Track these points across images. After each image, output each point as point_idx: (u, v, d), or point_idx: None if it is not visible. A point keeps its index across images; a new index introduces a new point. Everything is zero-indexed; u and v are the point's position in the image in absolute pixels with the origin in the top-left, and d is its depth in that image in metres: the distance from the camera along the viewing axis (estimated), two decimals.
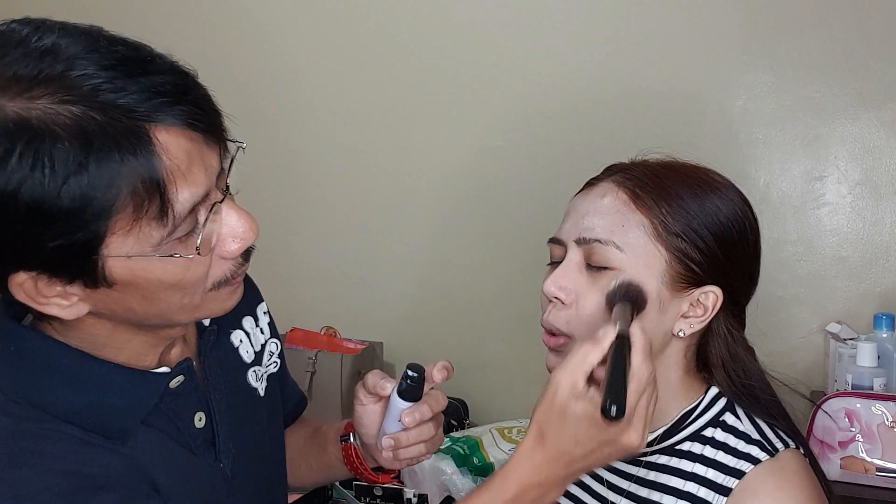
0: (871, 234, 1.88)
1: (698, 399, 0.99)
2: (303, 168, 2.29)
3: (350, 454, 1.09)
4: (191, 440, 0.88)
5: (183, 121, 0.72)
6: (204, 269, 0.79)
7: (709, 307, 0.95)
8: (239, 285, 0.85)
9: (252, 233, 0.81)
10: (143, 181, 0.70)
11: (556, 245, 1.00)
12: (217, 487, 0.91)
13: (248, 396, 1.00)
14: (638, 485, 0.99)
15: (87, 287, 0.74)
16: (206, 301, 0.82)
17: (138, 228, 0.72)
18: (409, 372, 0.97)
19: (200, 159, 0.74)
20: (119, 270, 0.74)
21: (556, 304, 0.96)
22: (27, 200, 0.67)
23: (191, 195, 0.73)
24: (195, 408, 0.90)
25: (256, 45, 2.25)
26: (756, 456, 0.92)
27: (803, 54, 1.88)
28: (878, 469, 1.58)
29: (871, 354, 1.65)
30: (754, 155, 1.93)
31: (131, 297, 0.77)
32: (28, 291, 0.74)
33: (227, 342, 0.99)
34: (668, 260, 0.93)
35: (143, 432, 0.83)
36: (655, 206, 0.93)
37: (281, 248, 2.28)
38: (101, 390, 0.81)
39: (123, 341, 0.83)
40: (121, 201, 0.70)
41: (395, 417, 0.99)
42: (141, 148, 0.70)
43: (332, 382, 2.01)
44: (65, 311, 0.76)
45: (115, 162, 0.69)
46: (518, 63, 2.07)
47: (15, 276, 0.73)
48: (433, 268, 2.19)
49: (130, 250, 0.73)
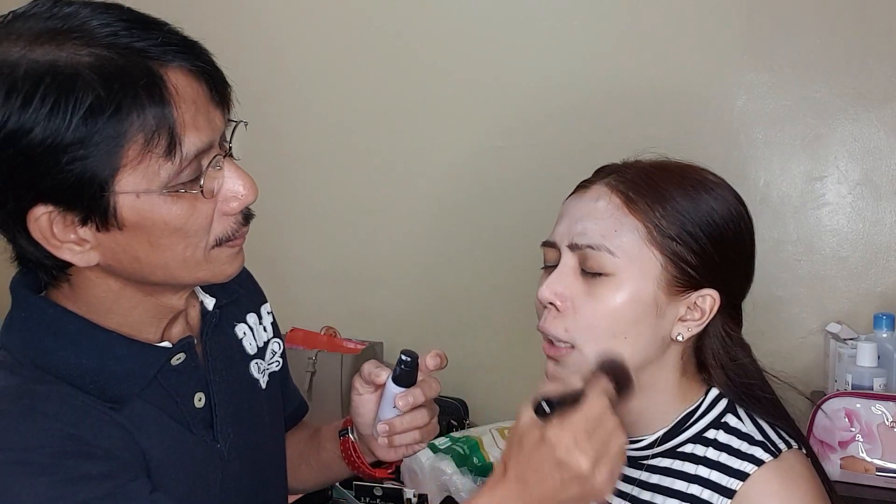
0: (871, 234, 1.88)
1: (698, 401, 0.98)
2: (303, 168, 2.29)
3: (348, 448, 1.10)
4: (189, 418, 0.91)
5: (191, 64, 0.80)
6: (206, 218, 0.83)
7: (706, 310, 0.95)
8: (240, 249, 0.89)
9: (252, 192, 0.85)
10: (155, 115, 0.77)
11: (549, 248, 0.99)
12: (213, 466, 0.93)
13: (250, 387, 1.02)
14: (641, 488, 0.99)
15: (99, 230, 0.80)
16: (208, 259, 0.85)
17: (147, 163, 0.78)
18: (402, 357, 1.00)
19: (206, 111, 0.81)
20: (128, 210, 0.79)
21: (552, 311, 0.95)
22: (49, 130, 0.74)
23: (197, 140, 0.80)
24: (195, 387, 0.92)
25: (256, 45, 2.25)
26: (760, 457, 0.92)
27: (803, 54, 1.88)
28: (878, 469, 1.58)
29: (871, 354, 1.65)
30: (754, 155, 1.93)
31: (138, 243, 0.81)
32: (43, 230, 0.79)
33: (231, 333, 1.02)
34: (664, 264, 0.93)
35: (140, 404, 0.86)
36: (649, 210, 0.93)
37: (281, 248, 2.29)
38: (102, 356, 0.85)
39: (128, 308, 0.87)
40: (133, 131, 0.76)
41: (389, 403, 1.01)
42: (154, 86, 0.77)
43: (332, 382, 2.01)
44: (77, 257, 0.81)
45: (130, 96, 0.76)
46: (518, 63, 2.07)
47: (33, 210, 0.78)
48: (433, 268, 2.19)
49: (139, 186, 0.78)
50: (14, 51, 0.76)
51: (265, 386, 1.05)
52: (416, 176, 2.19)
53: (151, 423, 0.87)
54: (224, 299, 1.01)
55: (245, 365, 1.03)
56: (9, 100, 0.75)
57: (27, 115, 0.74)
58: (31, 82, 0.74)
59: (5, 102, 0.75)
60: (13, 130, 0.75)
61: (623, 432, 0.85)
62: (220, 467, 0.94)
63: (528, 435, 0.83)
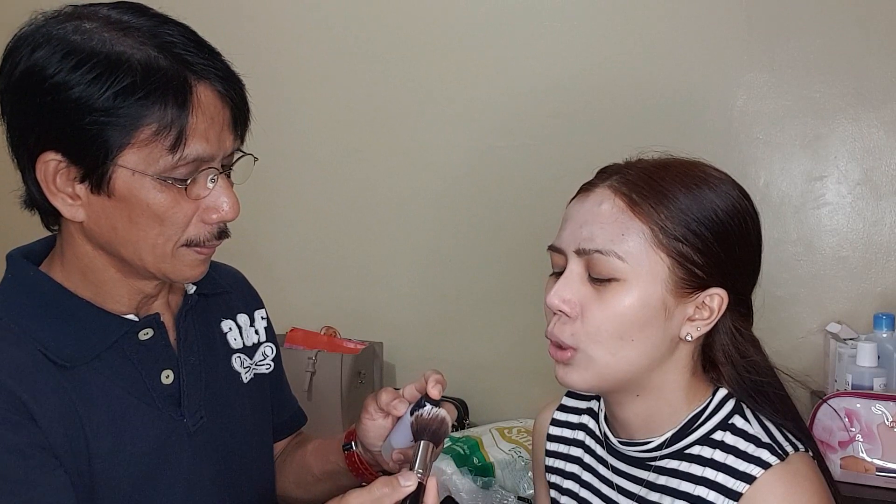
0: (871, 234, 1.88)
1: (706, 401, 0.98)
2: (303, 168, 2.28)
3: (355, 461, 1.13)
4: (154, 393, 0.99)
5: (222, 88, 0.92)
6: (184, 217, 0.92)
7: (714, 309, 0.95)
8: (205, 258, 0.98)
9: (233, 212, 0.95)
10: (173, 113, 0.88)
11: (556, 253, 0.98)
12: (178, 440, 1.00)
13: (229, 377, 1.10)
14: (648, 489, 0.99)
15: (92, 192, 0.90)
16: (174, 255, 0.94)
17: (151, 149, 0.88)
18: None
19: (220, 130, 0.92)
20: (121, 183, 0.90)
21: (561, 317, 0.95)
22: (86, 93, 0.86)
23: (202, 148, 0.90)
24: (164, 364, 1.00)
25: (257, 46, 2.25)
26: (766, 460, 0.92)
27: (803, 54, 1.88)
28: (878, 469, 1.58)
29: (871, 354, 1.65)
30: (754, 155, 1.93)
31: (119, 214, 0.91)
32: (47, 174, 0.90)
33: (216, 325, 1.11)
34: (671, 266, 0.92)
35: (88, 373, 0.95)
36: (654, 212, 0.92)
37: (281, 248, 2.29)
38: (66, 317, 0.95)
39: (101, 278, 0.97)
40: (150, 119, 0.87)
41: (406, 436, 1.03)
42: (182, 91, 0.89)
43: (332, 382, 2.01)
44: (66, 209, 0.92)
45: (160, 91, 0.88)
46: (518, 63, 2.07)
47: (45, 153, 0.90)
48: (433, 268, 2.19)
49: (137, 165, 0.89)
50: (85, 27, 0.89)
51: (247, 381, 1.11)
52: (416, 176, 2.19)
53: (97, 393, 0.95)
54: (208, 289, 1.09)
55: (227, 356, 1.10)
56: (65, 59, 0.87)
57: (74, 75, 0.87)
58: (88, 53, 0.87)
59: (62, 60, 0.87)
60: (58, 83, 0.87)
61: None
62: (188, 444, 1.01)
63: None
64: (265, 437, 1.15)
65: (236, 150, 0.97)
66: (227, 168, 0.96)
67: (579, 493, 1.08)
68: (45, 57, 0.87)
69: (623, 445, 1.02)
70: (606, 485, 1.04)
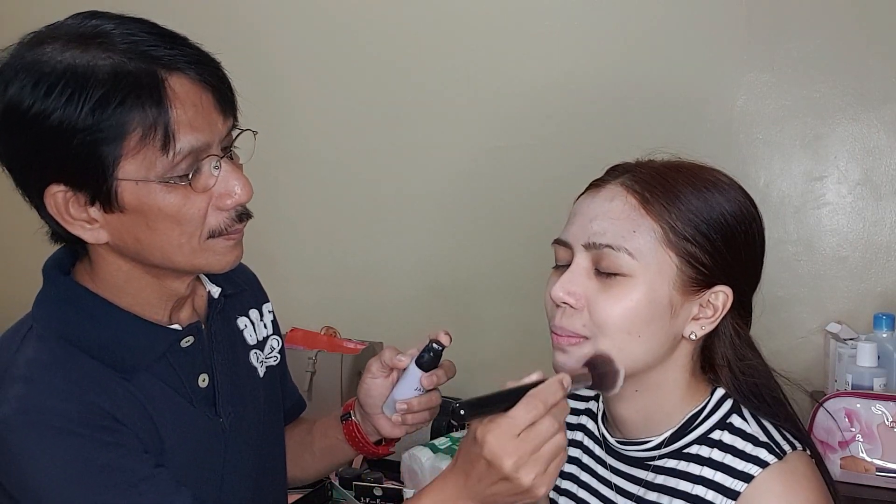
0: (871, 234, 1.88)
1: (704, 401, 0.98)
2: (303, 168, 2.29)
3: (352, 430, 1.18)
4: (192, 395, 1.01)
5: (197, 73, 0.90)
6: (199, 210, 0.92)
7: (719, 307, 0.95)
8: (236, 242, 0.98)
9: (246, 193, 0.94)
10: (153, 113, 0.87)
11: (561, 247, 0.99)
12: (216, 438, 1.03)
13: (249, 373, 1.11)
14: (646, 489, 0.99)
15: (105, 211, 0.91)
16: (204, 248, 0.94)
17: (145, 154, 0.88)
18: (433, 345, 1.09)
19: (208, 115, 0.91)
20: (129, 195, 0.90)
21: (567, 310, 0.95)
22: (64, 116, 0.86)
23: (193, 138, 0.89)
24: (201, 368, 1.02)
25: (257, 46, 2.25)
26: (764, 459, 0.92)
27: (803, 54, 1.88)
28: (878, 469, 1.58)
29: (871, 354, 1.65)
30: (754, 155, 1.93)
31: (138, 225, 0.92)
32: (58, 206, 0.91)
33: (234, 324, 1.12)
34: (679, 265, 0.93)
35: (149, 378, 0.97)
36: (665, 211, 0.93)
37: (281, 248, 2.29)
38: (117, 329, 0.96)
39: (137, 288, 0.98)
40: (133, 124, 0.87)
41: (411, 385, 1.11)
42: (154, 88, 0.88)
43: (332, 382, 2.01)
44: (87, 234, 0.93)
45: (133, 95, 0.87)
46: (518, 63, 2.07)
47: (49, 187, 0.90)
48: (433, 268, 2.19)
49: (137, 174, 0.89)
50: (47, 51, 0.89)
51: (262, 375, 1.14)
52: (417, 176, 2.19)
53: (159, 396, 0.97)
54: (229, 289, 1.10)
55: (245, 353, 1.12)
56: (36, 88, 0.87)
57: (49, 101, 0.86)
58: (55, 77, 0.87)
59: (33, 90, 0.87)
60: (37, 113, 0.87)
61: (563, 435, 0.88)
62: (223, 440, 1.03)
63: (469, 431, 0.90)
64: (279, 427, 1.18)
65: (231, 128, 0.96)
66: (228, 150, 0.96)
67: (577, 494, 1.08)
68: (18, 91, 0.88)
69: (621, 445, 1.02)
70: (605, 485, 1.05)
